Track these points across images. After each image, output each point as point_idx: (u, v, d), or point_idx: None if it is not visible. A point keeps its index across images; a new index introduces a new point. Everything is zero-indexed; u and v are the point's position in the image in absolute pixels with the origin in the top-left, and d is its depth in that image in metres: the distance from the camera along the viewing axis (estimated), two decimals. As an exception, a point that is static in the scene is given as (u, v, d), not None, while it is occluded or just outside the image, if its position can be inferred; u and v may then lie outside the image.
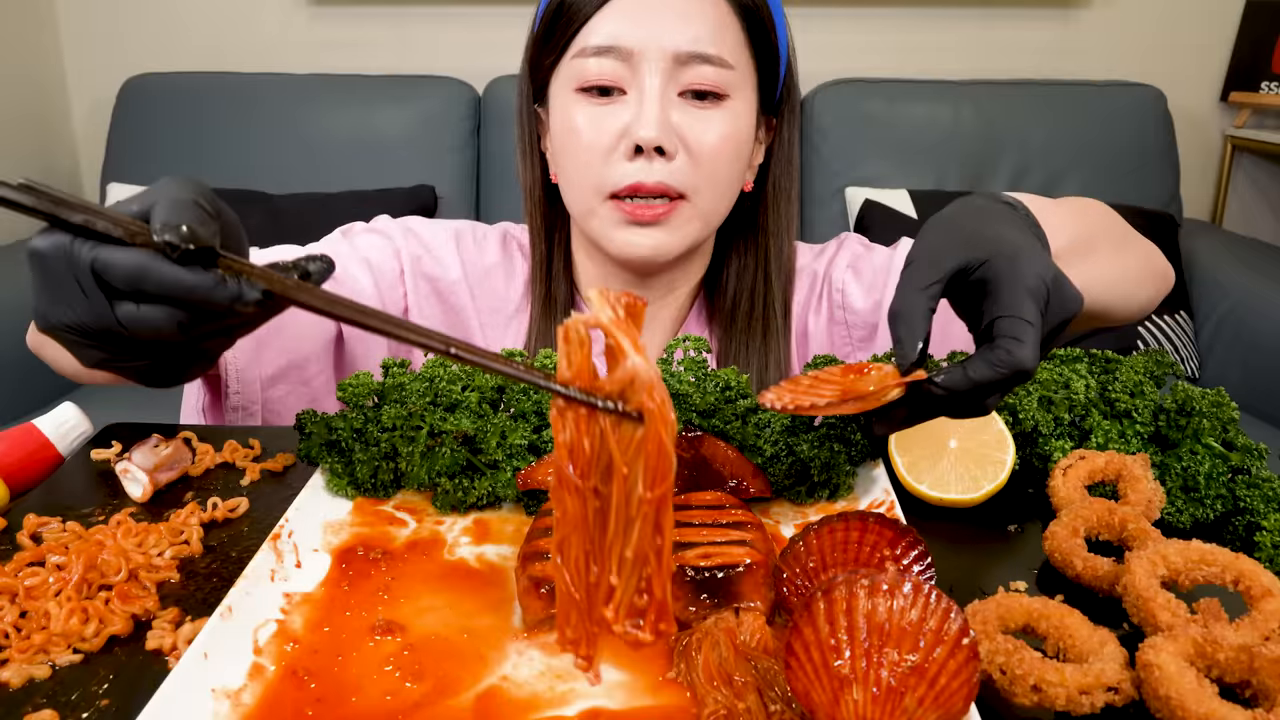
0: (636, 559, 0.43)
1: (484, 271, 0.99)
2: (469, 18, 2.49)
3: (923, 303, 0.55)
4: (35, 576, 0.55)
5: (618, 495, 0.42)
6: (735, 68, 0.86)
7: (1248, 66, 2.51)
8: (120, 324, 0.46)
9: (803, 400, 0.55)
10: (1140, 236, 0.89)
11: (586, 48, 0.84)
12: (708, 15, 0.84)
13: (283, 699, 0.47)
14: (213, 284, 0.45)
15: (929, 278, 0.55)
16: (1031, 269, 0.54)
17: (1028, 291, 0.53)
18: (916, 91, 2.35)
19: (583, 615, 0.44)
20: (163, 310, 0.46)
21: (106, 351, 0.49)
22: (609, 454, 0.42)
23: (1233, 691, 0.45)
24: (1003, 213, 0.62)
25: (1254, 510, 0.62)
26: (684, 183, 0.85)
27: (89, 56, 2.58)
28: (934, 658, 0.42)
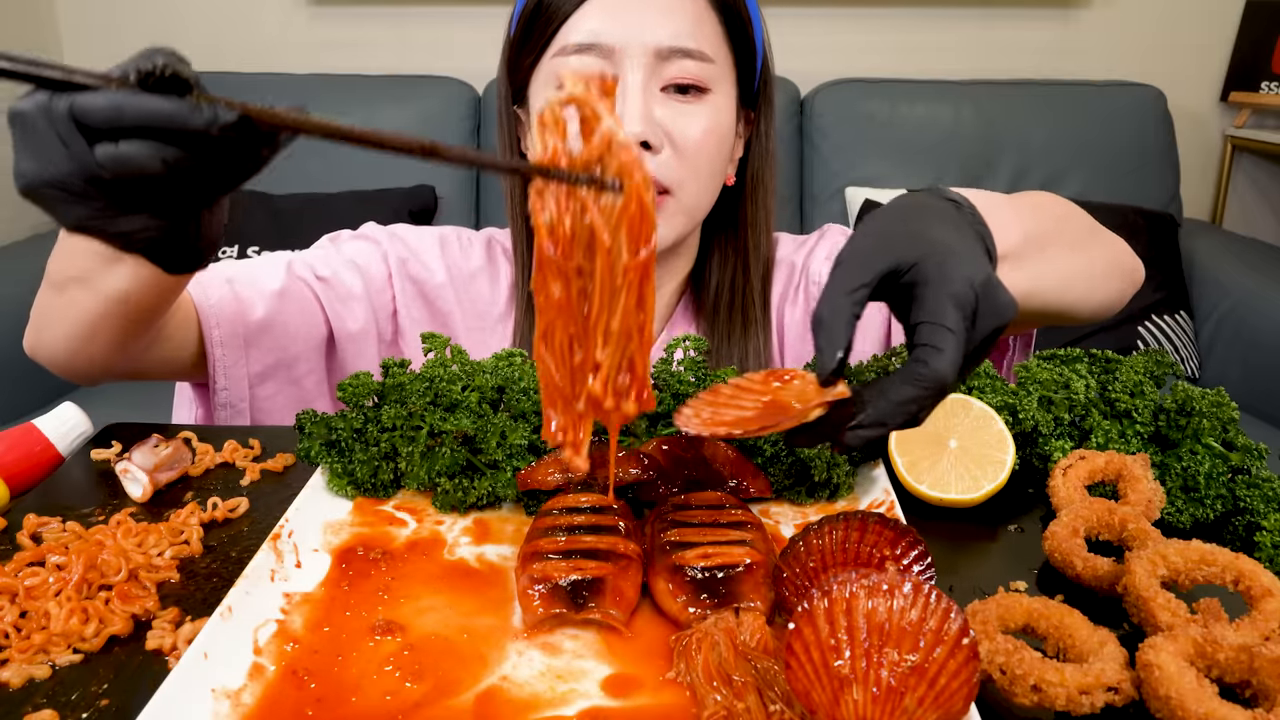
0: (622, 331, 0.44)
1: (469, 276, 1.00)
2: (469, 18, 2.49)
3: (847, 308, 0.52)
4: (35, 576, 0.55)
5: (601, 269, 0.43)
6: (715, 61, 0.86)
7: (1248, 66, 2.51)
8: (101, 166, 0.45)
9: (719, 427, 0.51)
10: (1106, 232, 0.87)
11: (567, 45, 0.84)
12: (686, 11, 0.84)
13: (283, 699, 0.47)
14: (189, 109, 0.45)
15: (855, 281, 0.52)
16: (960, 273, 0.51)
17: (951, 297, 0.51)
18: (916, 91, 2.35)
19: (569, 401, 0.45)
20: (142, 144, 0.45)
21: (90, 206, 0.47)
22: (590, 228, 0.43)
23: (1233, 691, 0.45)
24: (942, 211, 0.59)
25: (1254, 510, 0.62)
26: (669, 177, 0.85)
27: (89, 56, 2.58)
28: (934, 658, 0.42)
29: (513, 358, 0.71)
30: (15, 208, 2.44)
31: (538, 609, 0.52)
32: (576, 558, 0.54)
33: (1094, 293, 0.82)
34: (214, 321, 0.84)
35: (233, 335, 0.86)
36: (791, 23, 2.45)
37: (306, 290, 0.91)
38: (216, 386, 0.85)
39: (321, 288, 0.93)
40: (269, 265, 0.91)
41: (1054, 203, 0.85)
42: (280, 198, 2.26)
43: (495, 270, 1.01)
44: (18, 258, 2.19)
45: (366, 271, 0.95)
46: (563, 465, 0.64)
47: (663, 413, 0.71)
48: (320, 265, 0.93)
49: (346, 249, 0.97)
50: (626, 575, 0.54)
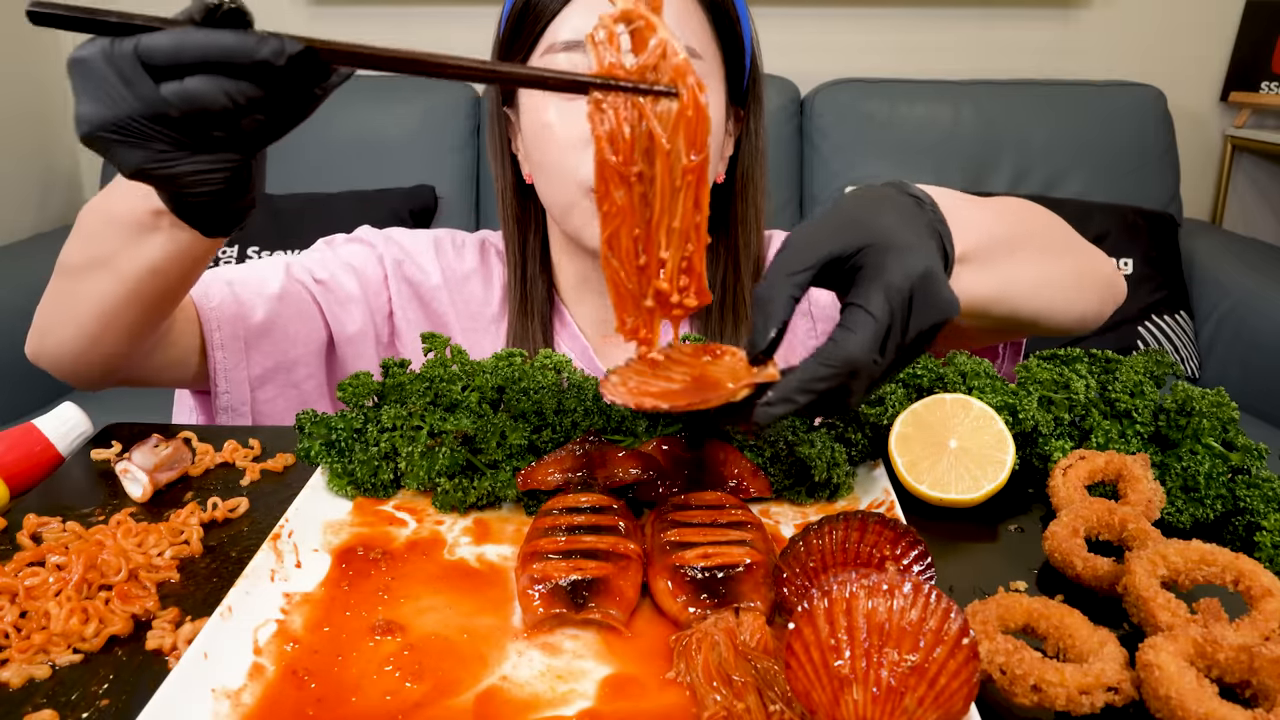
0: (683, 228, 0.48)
1: (462, 278, 1.00)
2: (469, 18, 2.49)
3: (787, 289, 0.52)
4: (35, 576, 0.55)
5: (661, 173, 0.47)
6: (703, 58, 0.86)
7: (1248, 66, 2.51)
8: (169, 104, 0.47)
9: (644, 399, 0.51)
10: (1084, 243, 0.86)
11: (555, 43, 0.84)
12: (673, 6, 0.84)
13: (283, 699, 0.47)
14: (255, 40, 0.46)
15: (798, 264, 0.52)
16: (898, 264, 0.51)
17: (884, 286, 0.51)
18: (916, 91, 2.35)
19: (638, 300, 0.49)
20: (208, 79, 0.46)
21: (152, 149, 0.49)
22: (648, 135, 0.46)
23: (1233, 691, 0.45)
24: (900, 205, 0.58)
25: (1254, 510, 0.62)
26: None
27: (89, 56, 2.58)
28: (934, 658, 0.42)
29: (512, 358, 0.71)
30: (15, 208, 2.44)
31: (538, 609, 0.52)
32: (576, 558, 0.54)
33: (1071, 303, 0.80)
34: (215, 324, 0.85)
35: (234, 338, 0.86)
36: (791, 22, 2.45)
37: (305, 293, 0.92)
38: (218, 390, 0.85)
39: (320, 290, 0.93)
40: (268, 268, 0.91)
41: (1028, 209, 0.83)
42: (280, 198, 2.26)
43: (489, 272, 1.01)
44: (18, 258, 2.19)
45: (363, 274, 0.96)
46: (563, 465, 0.64)
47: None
48: (318, 268, 0.94)
49: (342, 252, 0.97)
50: (626, 575, 0.54)
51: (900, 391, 0.69)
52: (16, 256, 2.19)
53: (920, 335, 0.53)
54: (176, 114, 0.47)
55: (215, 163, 0.51)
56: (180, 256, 0.68)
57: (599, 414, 0.70)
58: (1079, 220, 2.22)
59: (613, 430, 0.70)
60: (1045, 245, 0.80)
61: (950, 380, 0.70)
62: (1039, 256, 0.77)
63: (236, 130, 0.50)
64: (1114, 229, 2.17)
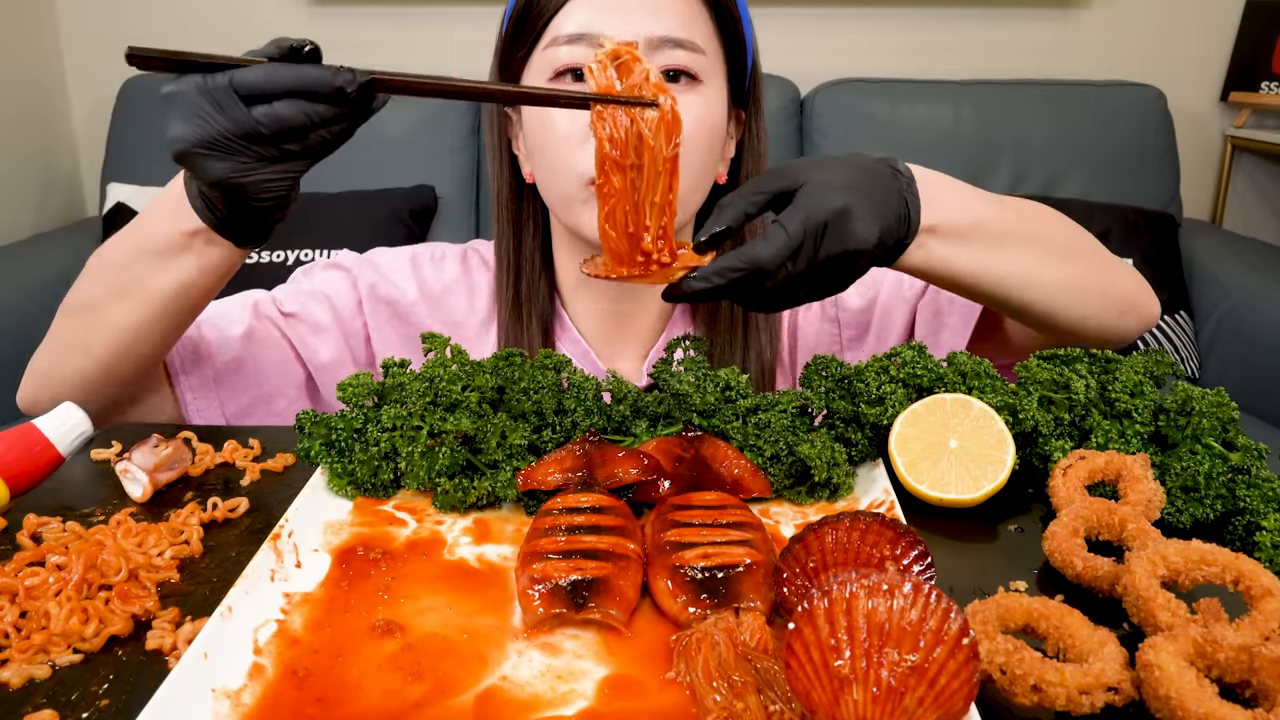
0: (662, 203, 0.66)
1: (443, 291, 1.00)
2: (470, 18, 2.49)
3: (743, 204, 0.66)
4: (35, 576, 0.55)
5: (648, 163, 0.65)
6: (706, 54, 0.87)
7: (1248, 66, 2.51)
8: (258, 123, 0.59)
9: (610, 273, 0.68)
10: (1108, 260, 0.86)
11: (559, 37, 0.85)
12: (676, 6, 0.85)
13: (283, 699, 0.47)
14: (332, 73, 0.59)
15: (757, 189, 0.67)
16: (823, 200, 0.64)
17: (803, 210, 0.64)
18: (916, 91, 2.35)
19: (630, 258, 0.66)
20: (294, 104, 0.59)
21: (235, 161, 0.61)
22: (638, 135, 0.65)
23: (1233, 691, 0.45)
24: (867, 166, 0.70)
25: (1254, 510, 0.62)
26: None
27: (89, 56, 2.58)
28: (934, 658, 0.42)
29: (512, 358, 0.71)
30: (15, 208, 2.44)
31: (538, 609, 0.52)
32: (576, 558, 0.54)
33: (1069, 305, 0.82)
34: (180, 368, 0.88)
35: (201, 381, 0.89)
36: (792, 23, 2.45)
37: (273, 329, 0.93)
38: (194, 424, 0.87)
39: (289, 324, 0.94)
40: (235, 307, 0.93)
41: (1044, 215, 0.85)
42: (280, 198, 2.26)
43: (471, 281, 1.02)
44: (18, 258, 2.19)
45: (335, 300, 0.97)
46: (563, 465, 0.64)
47: (662, 413, 0.71)
48: (287, 301, 0.95)
49: (317, 279, 0.99)
50: (626, 575, 0.54)
51: (900, 391, 0.69)
52: (16, 256, 2.19)
53: (832, 258, 0.65)
54: (266, 132, 0.60)
55: (284, 172, 0.64)
56: (211, 271, 0.75)
57: (599, 414, 0.70)
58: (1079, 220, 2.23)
59: (613, 430, 0.70)
60: (1046, 245, 0.81)
61: (950, 380, 0.70)
62: (1034, 252, 0.79)
63: (307, 145, 0.62)
64: (1114, 229, 2.17)
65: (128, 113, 2.37)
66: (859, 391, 0.69)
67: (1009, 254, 0.78)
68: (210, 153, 0.60)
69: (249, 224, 0.70)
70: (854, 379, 0.70)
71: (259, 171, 0.62)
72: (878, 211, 0.67)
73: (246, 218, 0.69)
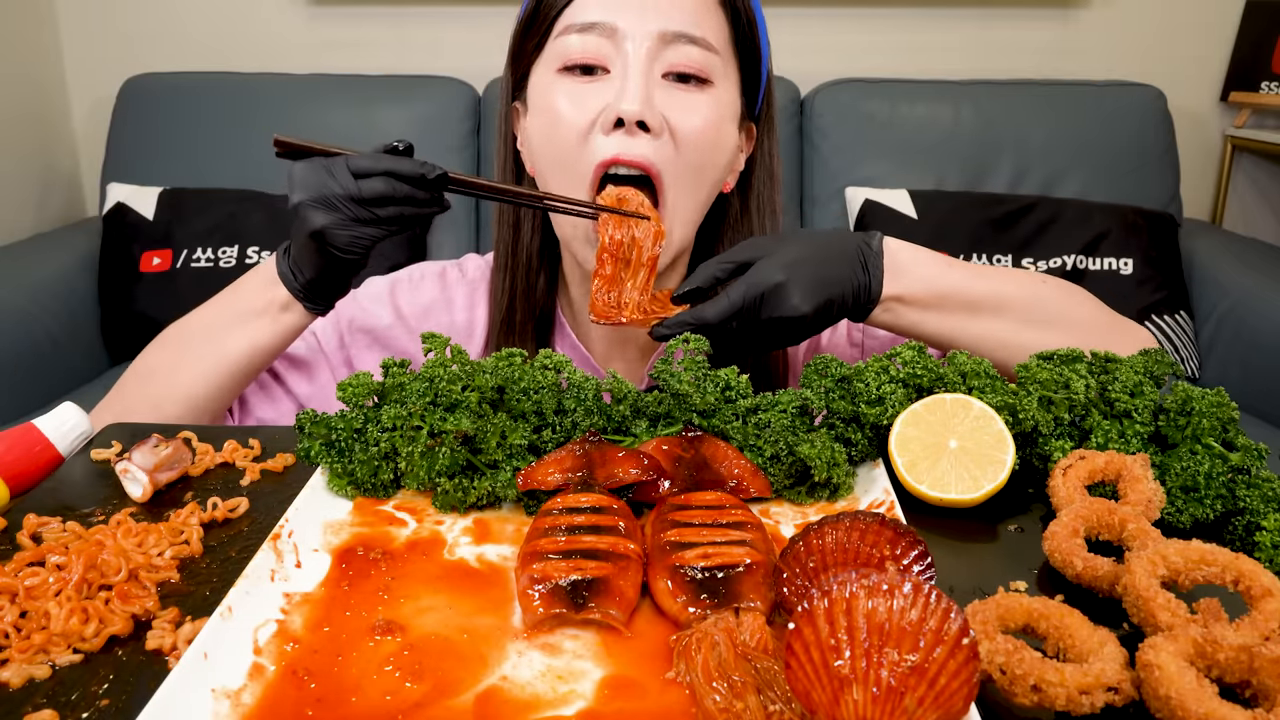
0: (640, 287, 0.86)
1: (421, 312, 1.02)
2: (469, 18, 2.49)
3: (715, 269, 0.81)
4: (35, 576, 0.55)
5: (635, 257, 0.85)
6: (719, 53, 0.87)
7: (1248, 66, 2.51)
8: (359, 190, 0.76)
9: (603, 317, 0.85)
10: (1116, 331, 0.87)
11: (572, 25, 0.86)
12: (694, 3, 0.86)
13: (283, 699, 0.47)
14: (419, 164, 0.78)
15: (729, 259, 0.81)
16: (766, 274, 0.77)
17: (746, 282, 0.77)
18: (916, 91, 2.35)
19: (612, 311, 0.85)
20: (386, 180, 0.77)
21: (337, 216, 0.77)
22: (630, 235, 0.85)
23: (1233, 691, 0.45)
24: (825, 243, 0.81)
25: (1254, 510, 0.62)
26: (663, 161, 0.85)
27: (89, 56, 2.58)
28: (934, 658, 0.42)
29: (513, 358, 0.71)
30: (15, 208, 2.44)
31: (538, 609, 0.52)
32: (576, 558, 0.54)
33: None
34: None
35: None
36: (791, 23, 2.45)
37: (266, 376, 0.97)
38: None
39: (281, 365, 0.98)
40: None
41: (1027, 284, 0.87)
42: (280, 198, 2.26)
43: (449, 297, 1.03)
44: (18, 258, 2.19)
45: (321, 335, 0.99)
46: (563, 465, 0.64)
47: (662, 413, 0.71)
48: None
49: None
50: (626, 575, 0.54)
51: (900, 391, 0.69)
52: (16, 256, 2.19)
53: (771, 320, 0.77)
54: (364, 196, 0.77)
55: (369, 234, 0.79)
56: (280, 335, 0.87)
57: (599, 414, 0.70)
58: (1079, 220, 2.23)
59: (613, 430, 0.70)
60: (1021, 314, 0.85)
61: (950, 380, 0.70)
62: (1006, 319, 0.85)
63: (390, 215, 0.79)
64: (1114, 229, 2.17)
65: (128, 113, 2.37)
66: (859, 391, 0.69)
67: (981, 321, 0.85)
68: (318, 206, 0.77)
69: (326, 284, 0.84)
70: (854, 379, 0.70)
71: (351, 228, 0.78)
72: (817, 287, 0.78)
73: (326, 277, 0.83)
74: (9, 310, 2.01)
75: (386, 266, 2.23)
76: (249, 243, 2.21)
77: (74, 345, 2.14)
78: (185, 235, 2.20)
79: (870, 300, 0.82)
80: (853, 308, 0.81)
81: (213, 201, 2.24)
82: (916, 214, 2.21)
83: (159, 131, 2.35)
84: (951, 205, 2.22)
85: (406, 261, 2.23)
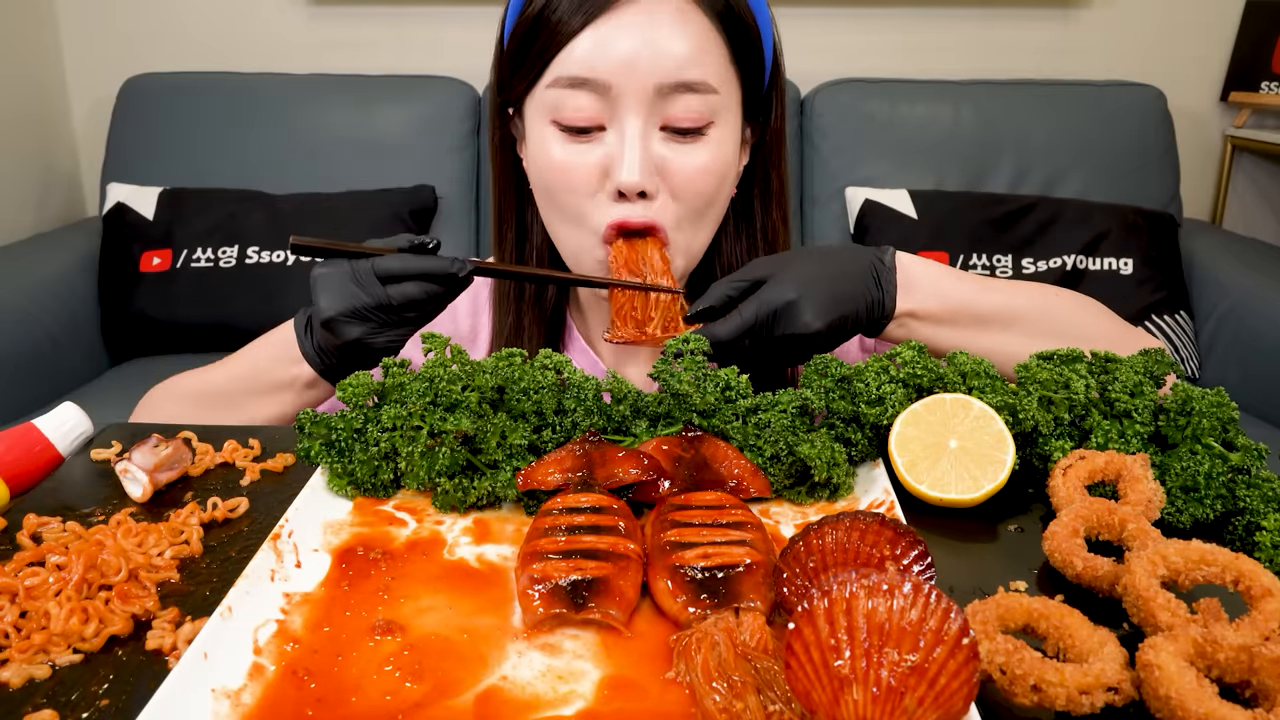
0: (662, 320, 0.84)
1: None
2: (469, 18, 2.49)
3: (727, 288, 0.79)
4: (35, 576, 0.55)
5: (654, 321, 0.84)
6: (720, 91, 0.83)
7: (1248, 66, 2.51)
8: (390, 298, 0.76)
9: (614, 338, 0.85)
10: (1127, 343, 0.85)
11: (561, 78, 0.81)
12: (691, 35, 0.81)
13: (283, 699, 0.47)
14: (449, 263, 0.77)
15: (740, 277, 0.80)
16: (778, 293, 0.76)
17: (758, 300, 0.76)
18: (916, 91, 2.35)
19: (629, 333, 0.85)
20: (418, 285, 0.76)
21: (367, 326, 0.77)
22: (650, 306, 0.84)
23: (1233, 691, 0.45)
24: (839, 259, 0.80)
25: (1254, 510, 0.62)
26: (665, 216, 0.84)
27: (89, 56, 2.58)
28: (934, 658, 0.42)
29: (513, 358, 0.71)
30: (15, 208, 2.44)
31: (538, 609, 0.52)
32: (576, 558, 0.54)
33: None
34: None
35: None
36: (791, 23, 2.45)
37: None
38: None
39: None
40: None
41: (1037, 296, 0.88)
42: (280, 198, 2.26)
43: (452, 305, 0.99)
44: (18, 258, 2.19)
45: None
46: (563, 465, 0.64)
47: (662, 413, 0.71)
48: None
49: None
50: (626, 575, 0.54)
51: (900, 391, 0.69)
52: (16, 256, 2.19)
53: (784, 338, 0.77)
54: (396, 304, 0.76)
55: (401, 335, 0.79)
56: (306, 405, 0.87)
57: (599, 414, 0.70)
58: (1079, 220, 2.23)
59: (613, 430, 0.70)
60: (1030, 326, 0.86)
61: (950, 380, 0.70)
62: (1017, 332, 0.85)
63: (423, 314, 0.79)
64: (1114, 229, 2.17)
65: (128, 113, 2.37)
66: (859, 391, 0.69)
67: (991, 334, 0.85)
68: (350, 320, 0.76)
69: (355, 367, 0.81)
70: (854, 379, 0.70)
71: (384, 334, 0.78)
72: (830, 305, 0.77)
73: (354, 366, 0.81)
74: (9, 310, 2.01)
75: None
76: (249, 243, 2.20)
77: (74, 345, 2.14)
78: (185, 235, 2.20)
79: (884, 316, 0.81)
80: (866, 324, 0.81)
81: (213, 201, 2.24)
82: (916, 214, 2.21)
83: (159, 131, 2.35)
84: (951, 205, 2.22)
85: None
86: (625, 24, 0.80)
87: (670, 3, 0.81)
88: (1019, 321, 0.85)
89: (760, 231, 0.96)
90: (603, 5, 0.80)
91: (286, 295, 2.16)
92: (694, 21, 0.81)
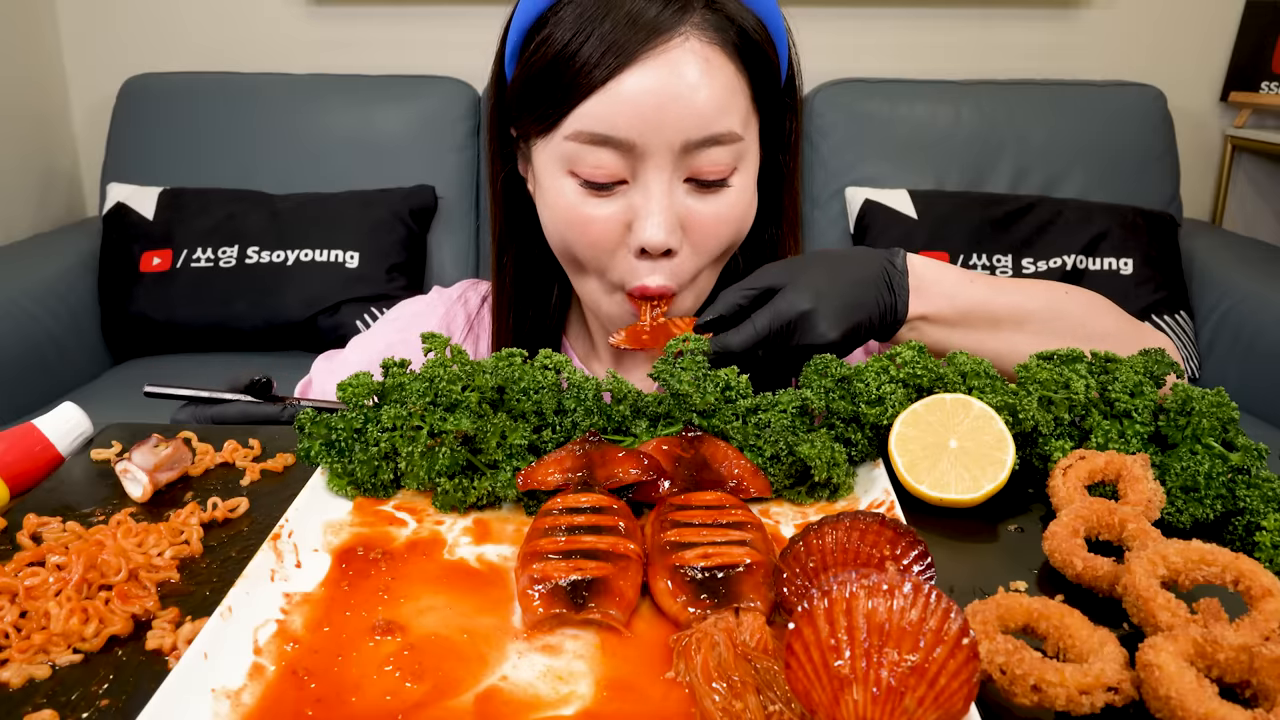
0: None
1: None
2: (469, 18, 2.49)
3: (737, 296, 0.78)
4: (35, 576, 0.55)
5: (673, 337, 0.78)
6: (744, 136, 0.81)
7: (1248, 66, 2.51)
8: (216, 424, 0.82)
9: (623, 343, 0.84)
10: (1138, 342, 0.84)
11: (582, 132, 0.77)
12: (716, 84, 0.77)
13: (283, 699, 0.47)
14: (280, 409, 0.84)
15: (749, 284, 0.79)
16: (792, 302, 0.76)
17: (772, 310, 0.76)
18: (916, 91, 2.35)
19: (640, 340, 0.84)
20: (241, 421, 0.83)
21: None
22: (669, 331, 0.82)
23: (1233, 691, 0.45)
24: (851, 264, 0.80)
25: (1254, 510, 0.62)
26: (686, 273, 0.83)
27: (89, 56, 2.58)
28: (934, 658, 0.42)
29: (513, 358, 0.71)
30: (15, 208, 2.44)
31: (538, 609, 0.52)
32: (576, 558, 0.54)
33: None
34: None
35: None
36: (792, 23, 2.44)
37: None
38: None
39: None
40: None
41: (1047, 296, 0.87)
42: (280, 198, 2.26)
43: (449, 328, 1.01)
44: (18, 258, 2.19)
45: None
46: (563, 465, 0.64)
47: (662, 413, 0.71)
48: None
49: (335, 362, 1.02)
50: (626, 575, 0.54)
51: (900, 391, 0.69)
52: (16, 256, 2.20)
53: (799, 347, 0.76)
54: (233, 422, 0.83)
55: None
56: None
57: (599, 414, 0.70)
58: (1079, 220, 2.23)
59: (613, 430, 0.70)
60: (1040, 326, 0.85)
61: (950, 380, 0.70)
62: (1027, 332, 0.85)
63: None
64: (1114, 229, 2.17)
65: (128, 113, 2.37)
66: (859, 391, 0.69)
67: (1002, 335, 0.84)
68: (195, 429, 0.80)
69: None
70: (854, 379, 0.70)
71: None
72: (845, 313, 0.77)
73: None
74: (9, 310, 2.01)
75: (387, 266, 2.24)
76: (249, 243, 2.21)
77: (74, 345, 2.14)
78: (185, 235, 2.21)
79: (896, 321, 0.81)
80: (879, 329, 0.80)
81: (213, 201, 2.24)
82: (916, 214, 2.21)
83: (159, 131, 2.35)
84: (951, 205, 2.22)
85: (406, 260, 2.24)
86: (650, 76, 0.75)
87: (695, 50, 0.76)
88: (1030, 321, 0.85)
89: (768, 244, 0.95)
90: (628, 58, 0.75)
91: (286, 295, 2.17)
92: (718, 67, 0.78)
